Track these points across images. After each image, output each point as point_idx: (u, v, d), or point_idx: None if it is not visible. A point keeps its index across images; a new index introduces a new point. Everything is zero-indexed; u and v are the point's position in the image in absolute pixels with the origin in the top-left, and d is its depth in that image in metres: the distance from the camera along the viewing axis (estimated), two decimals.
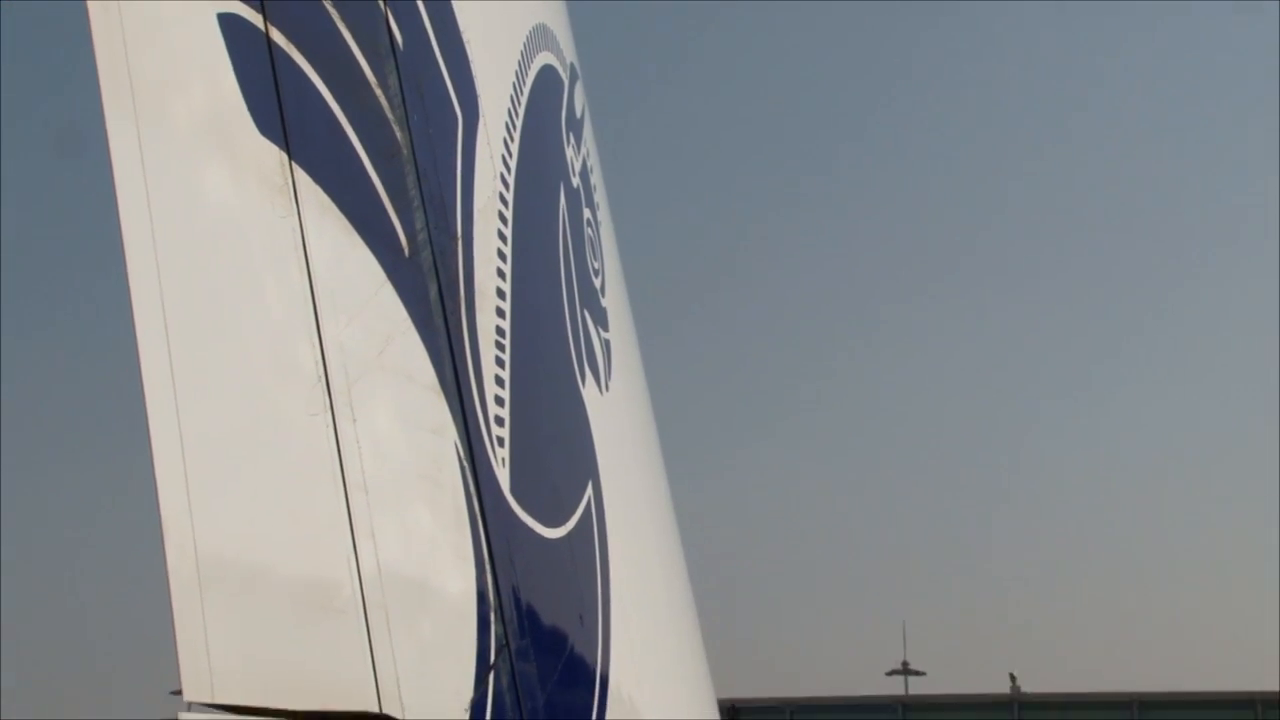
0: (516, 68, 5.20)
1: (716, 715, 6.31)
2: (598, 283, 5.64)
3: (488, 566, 4.59)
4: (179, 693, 3.88)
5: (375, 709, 4.19)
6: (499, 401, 4.75)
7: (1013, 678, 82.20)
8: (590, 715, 5.07)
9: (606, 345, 5.64)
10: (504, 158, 4.99)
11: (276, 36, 4.12)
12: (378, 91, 4.44)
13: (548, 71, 5.42)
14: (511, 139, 5.06)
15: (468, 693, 4.49)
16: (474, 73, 4.88)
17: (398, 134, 4.48)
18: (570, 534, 5.10)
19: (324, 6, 4.31)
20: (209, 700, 3.89)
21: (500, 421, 4.74)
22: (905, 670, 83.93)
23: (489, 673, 4.56)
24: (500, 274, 4.85)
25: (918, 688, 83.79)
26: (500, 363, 4.78)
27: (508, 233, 4.92)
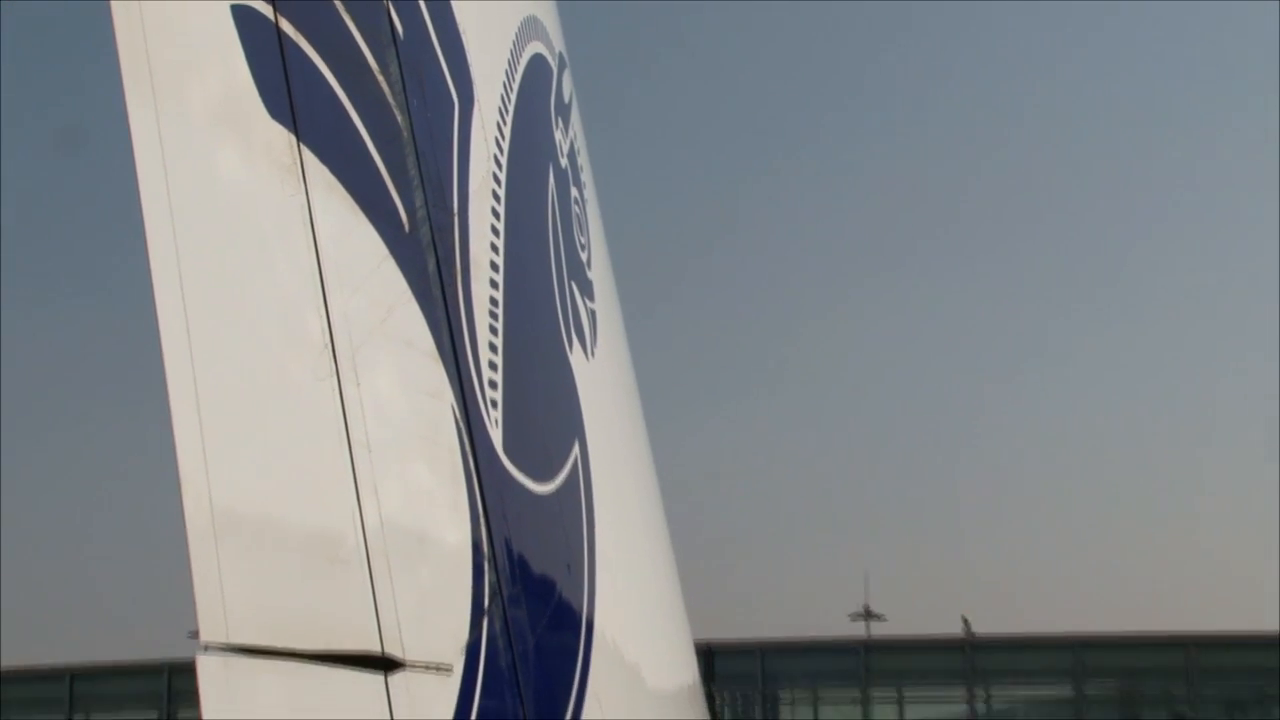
0: (509, 56, 5.21)
1: (694, 656, 6.34)
2: (584, 256, 5.66)
3: (482, 519, 4.62)
4: (196, 634, 3.91)
5: (378, 650, 4.22)
6: (492, 366, 4.77)
7: (965, 621, 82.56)
8: (577, 657, 5.09)
9: (592, 315, 5.66)
10: (497, 140, 5.01)
11: (286, 27, 4.13)
12: (380, 78, 4.45)
13: (538, 60, 5.44)
14: (504, 123, 5.07)
15: (463, 636, 4.52)
16: (469, 61, 4.89)
17: (398, 118, 4.49)
18: (558, 489, 5.12)
19: (333, 4, 4.32)
20: (224, 642, 3.94)
21: (493, 385, 4.76)
22: (867, 614, 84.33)
23: (483, 617, 4.58)
24: (494, 248, 4.86)
25: (879, 630, 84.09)
26: (493, 330, 4.80)
27: (500, 210, 4.93)
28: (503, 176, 4.99)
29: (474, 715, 4.49)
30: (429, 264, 4.55)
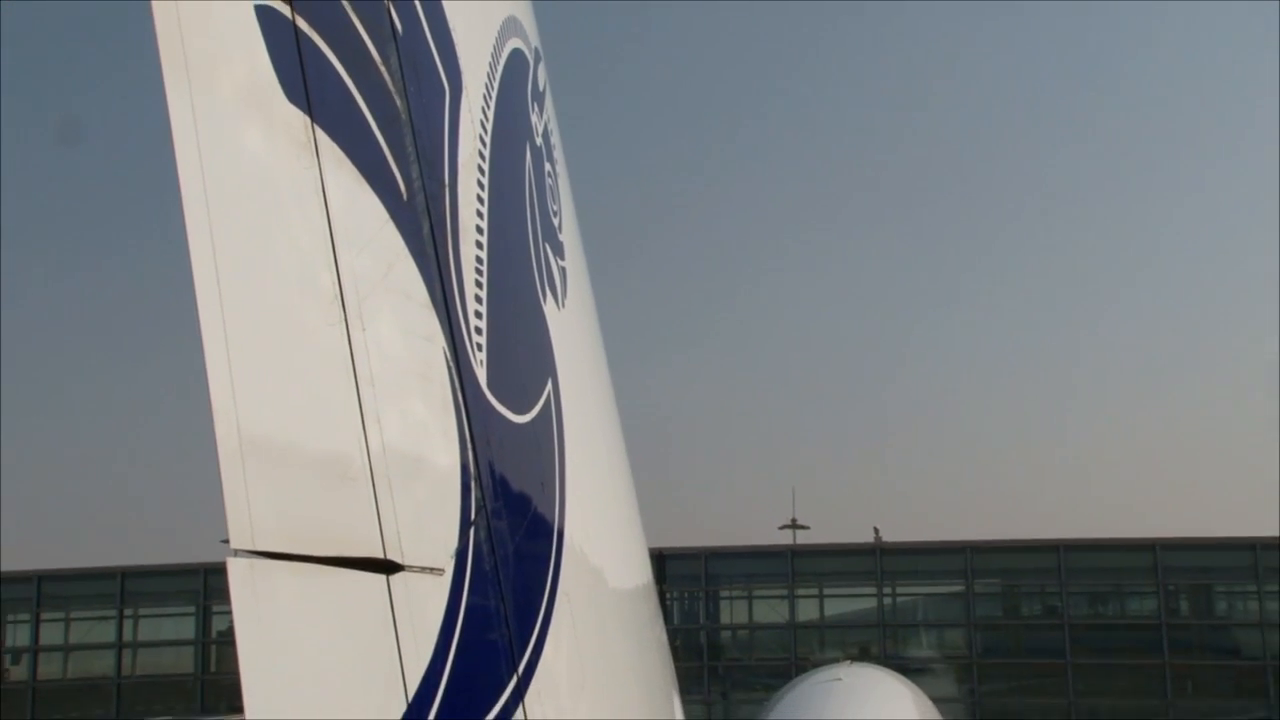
0: (492, 50, 5.19)
1: (648, 560, 6.35)
2: (556, 221, 5.65)
3: (469, 445, 4.62)
4: (227, 541, 3.91)
5: (380, 555, 4.24)
6: (478, 315, 4.76)
7: (875, 530, 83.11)
8: (549, 561, 5.11)
9: (563, 271, 5.65)
10: (482, 122, 4.99)
11: (301, 24, 4.10)
12: (382, 69, 4.43)
13: (516, 54, 5.41)
14: (488, 107, 5.06)
15: (453, 543, 4.53)
16: (458, 54, 4.87)
17: (398, 102, 4.47)
18: (534, 420, 5.12)
19: (340, 2, 4.30)
20: (250, 548, 3.93)
21: (479, 331, 4.75)
22: (793, 525, 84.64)
23: (470, 528, 4.59)
24: (479, 214, 4.85)
25: (803, 538, 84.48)
26: (479, 284, 4.79)
27: (485, 181, 4.92)
28: (487, 153, 4.98)
29: (462, 610, 4.51)
30: (424, 227, 4.54)
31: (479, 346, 4.75)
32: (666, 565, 77.00)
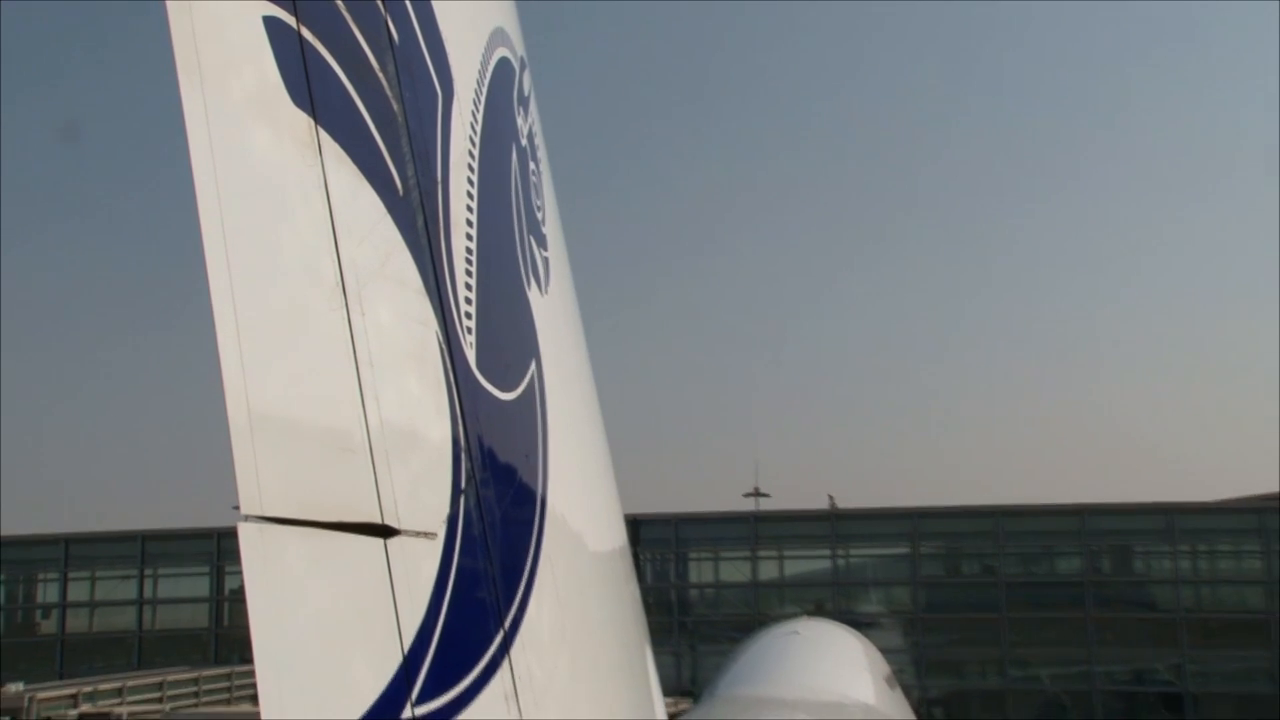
0: (481, 59, 5.17)
1: (623, 526, 6.35)
2: (540, 216, 5.64)
3: (459, 420, 4.62)
4: (238, 507, 3.91)
5: (379, 521, 4.23)
6: (468, 301, 4.75)
7: (830, 498, 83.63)
8: (533, 527, 5.11)
9: (546, 261, 5.64)
10: (471, 124, 4.98)
11: (306, 33, 4.09)
12: (380, 75, 4.41)
13: (503, 62, 5.40)
14: (477, 110, 5.04)
15: (445, 510, 4.53)
16: (450, 62, 4.85)
17: (394, 106, 4.46)
18: (519, 397, 5.11)
19: (341, 13, 4.28)
20: (259, 514, 3.92)
21: (469, 315, 4.75)
22: (756, 494, 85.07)
23: (460, 496, 4.59)
24: (469, 209, 4.84)
25: (765, 505, 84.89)
26: (469, 273, 4.78)
27: (474, 179, 4.91)
28: (476, 153, 4.97)
29: (453, 571, 4.51)
30: (418, 220, 4.53)
31: (469, 330, 4.74)
32: (640, 530, 77.33)
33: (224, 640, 77.92)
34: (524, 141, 5.57)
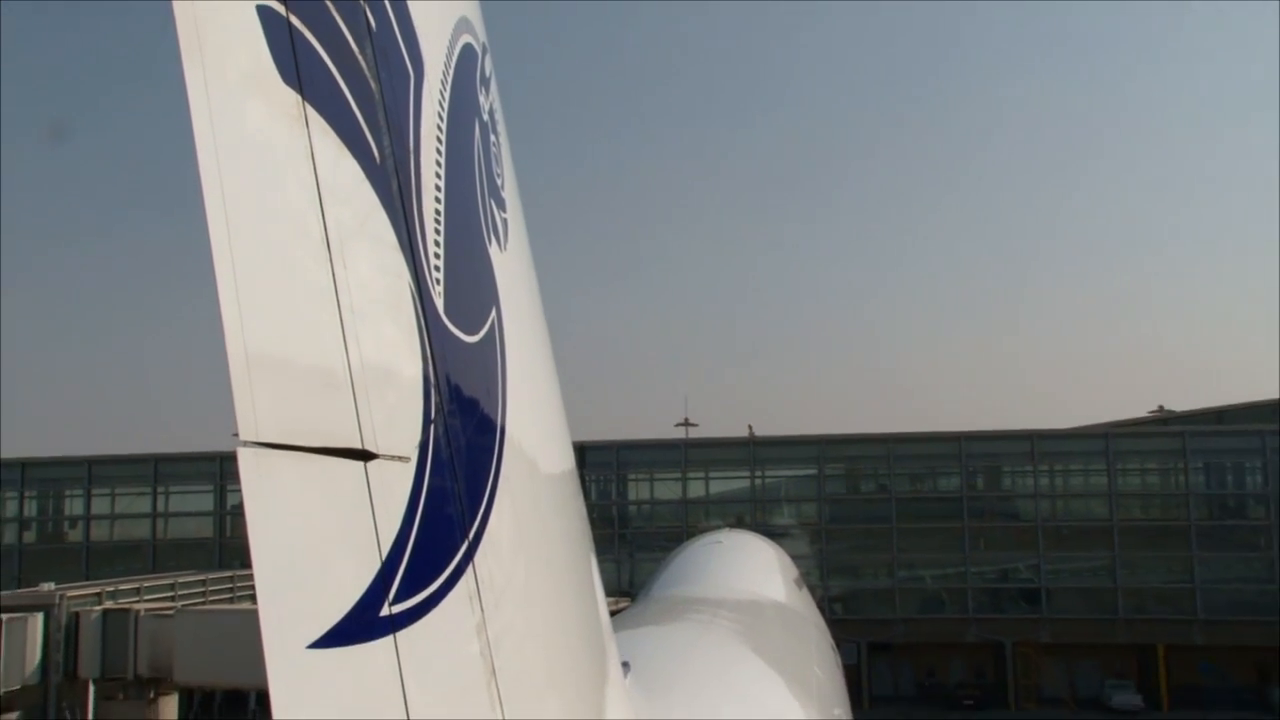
0: (448, 45, 5.12)
1: (572, 451, 6.36)
2: (499, 182, 5.59)
3: (429, 359, 4.60)
4: (237, 434, 3.91)
5: (359, 446, 4.21)
6: (436, 255, 4.73)
7: (750, 428, 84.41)
8: (494, 451, 5.11)
9: (505, 222, 5.60)
10: (440, 101, 4.92)
11: (294, 20, 4.02)
12: (359, 57, 4.35)
13: (468, 47, 5.33)
14: (445, 89, 4.99)
15: (417, 437, 4.52)
16: (421, 47, 4.80)
17: (372, 85, 4.40)
18: (481, 339, 5.09)
19: (325, 4, 4.22)
20: (255, 440, 3.91)
21: (437, 268, 4.72)
22: (686, 424, 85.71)
23: (430, 425, 4.58)
24: (438, 175, 4.80)
25: (694, 433, 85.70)
26: (437, 231, 4.75)
27: (442, 149, 4.87)
28: (444, 126, 4.92)
29: (424, 490, 4.50)
30: (393, 185, 4.49)
31: (437, 281, 4.71)
32: (587, 455, 77.88)
33: (226, 548, 78.03)
34: (486, 117, 5.52)
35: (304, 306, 4.13)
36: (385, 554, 4.32)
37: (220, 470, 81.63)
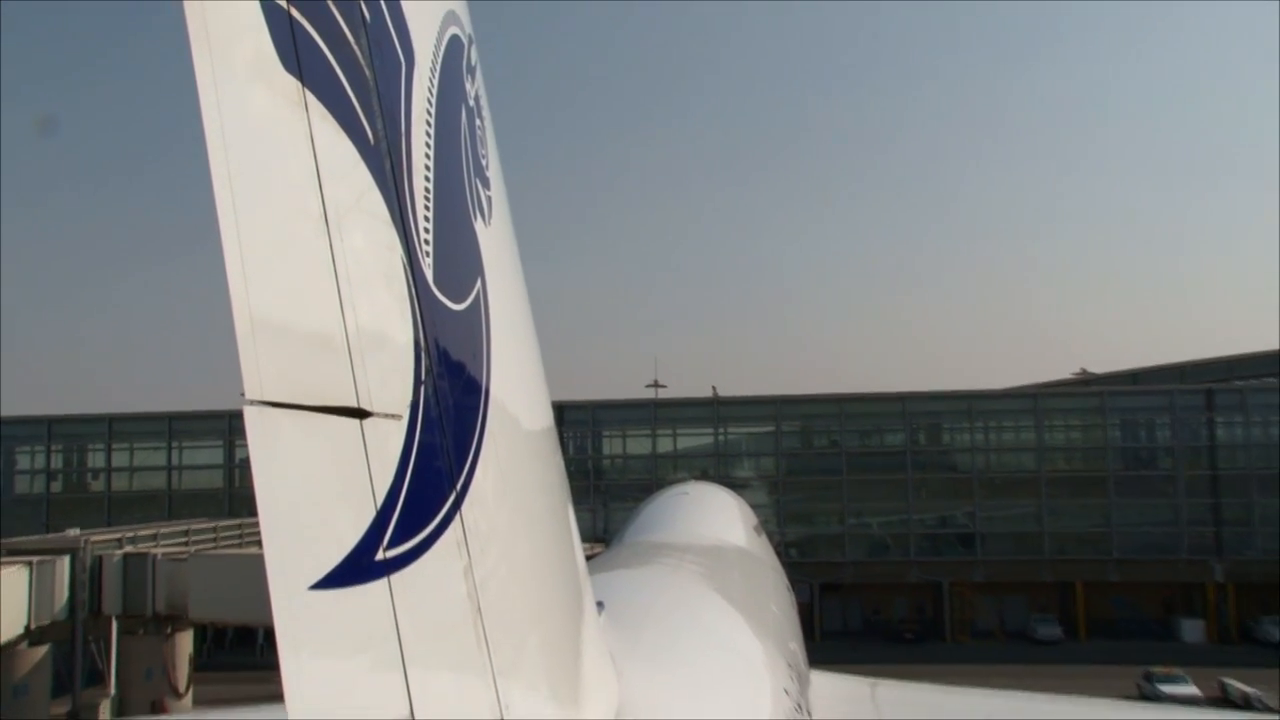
0: (436, 35, 5.06)
1: (551, 410, 6.34)
2: (484, 162, 5.54)
3: (419, 324, 4.57)
4: (244, 394, 3.88)
5: (355, 405, 4.20)
6: (426, 230, 4.69)
7: (714, 389, 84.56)
8: (479, 410, 5.09)
9: (489, 199, 5.56)
10: (429, 87, 4.87)
11: (295, 14, 3.97)
12: (354, 47, 4.30)
13: (454, 38, 5.27)
14: (434, 77, 4.93)
15: (408, 397, 4.51)
16: (411, 38, 4.74)
17: (366, 72, 4.35)
18: (468, 307, 5.06)
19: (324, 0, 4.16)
20: (260, 399, 3.90)
21: (427, 242, 4.68)
22: (656, 385, 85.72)
23: (420, 385, 4.56)
24: (427, 155, 4.76)
25: (663, 394, 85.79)
26: (427, 207, 4.71)
27: (432, 131, 4.82)
28: (433, 110, 4.87)
29: (415, 445, 4.50)
30: (386, 165, 4.45)
31: (427, 253, 4.68)
32: (565, 413, 78.01)
33: (235, 498, 78.05)
34: (471, 103, 5.46)
35: (304, 277, 4.09)
36: (380, 504, 4.31)
37: (229, 427, 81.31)
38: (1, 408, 79.29)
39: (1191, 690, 56.04)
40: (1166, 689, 55.51)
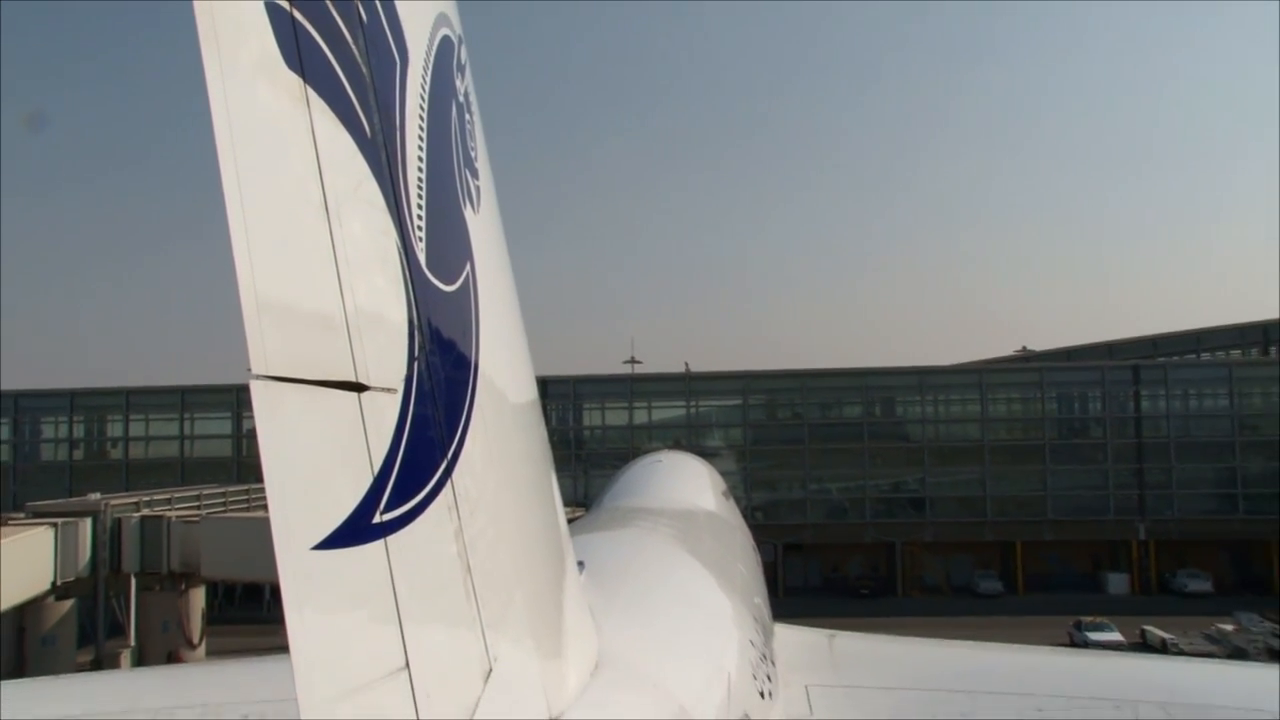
0: (429, 36, 5.00)
1: (535, 384, 6.32)
2: (473, 154, 5.49)
3: (413, 305, 4.55)
4: (250, 369, 3.85)
5: (354, 379, 4.18)
6: (419, 217, 4.66)
7: (686, 365, 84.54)
8: (468, 384, 5.07)
9: (478, 189, 5.52)
10: (422, 84, 4.83)
11: (298, 15, 3.93)
12: (352, 46, 4.25)
13: (445, 38, 5.22)
14: (426, 74, 4.89)
15: (403, 371, 4.49)
16: (405, 37, 4.69)
17: (364, 69, 4.30)
18: (458, 289, 5.03)
19: (324, 0, 4.11)
20: (266, 374, 3.87)
21: (420, 228, 4.65)
22: (632, 360, 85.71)
23: (414, 361, 4.54)
24: (420, 148, 4.71)
25: (639, 369, 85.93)
26: (420, 195, 4.68)
27: (424, 125, 4.78)
28: (425, 106, 4.83)
29: (410, 417, 4.48)
30: (382, 156, 4.41)
31: (420, 239, 4.64)
32: (548, 387, 78.01)
33: (243, 466, 77.77)
34: (461, 98, 5.41)
35: (306, 260, 4.06)
36: (376, 471, 4.30)
37: (237, 400, 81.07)
38: (29, 382, 79.18)
39: (1116, 637, 57.30)
40: (1094, 635, 57.07)
